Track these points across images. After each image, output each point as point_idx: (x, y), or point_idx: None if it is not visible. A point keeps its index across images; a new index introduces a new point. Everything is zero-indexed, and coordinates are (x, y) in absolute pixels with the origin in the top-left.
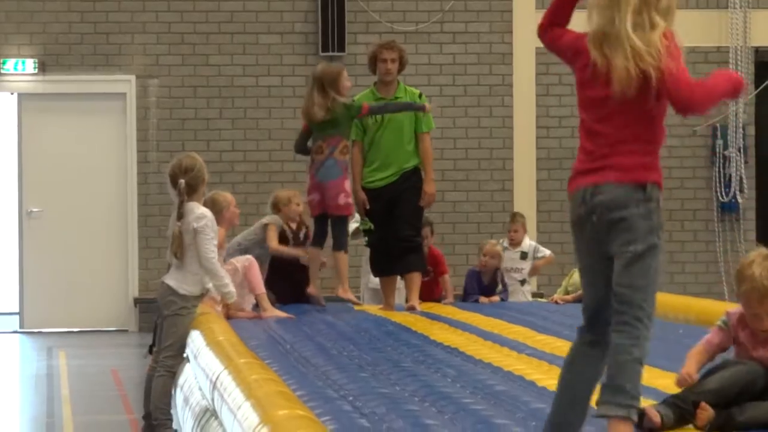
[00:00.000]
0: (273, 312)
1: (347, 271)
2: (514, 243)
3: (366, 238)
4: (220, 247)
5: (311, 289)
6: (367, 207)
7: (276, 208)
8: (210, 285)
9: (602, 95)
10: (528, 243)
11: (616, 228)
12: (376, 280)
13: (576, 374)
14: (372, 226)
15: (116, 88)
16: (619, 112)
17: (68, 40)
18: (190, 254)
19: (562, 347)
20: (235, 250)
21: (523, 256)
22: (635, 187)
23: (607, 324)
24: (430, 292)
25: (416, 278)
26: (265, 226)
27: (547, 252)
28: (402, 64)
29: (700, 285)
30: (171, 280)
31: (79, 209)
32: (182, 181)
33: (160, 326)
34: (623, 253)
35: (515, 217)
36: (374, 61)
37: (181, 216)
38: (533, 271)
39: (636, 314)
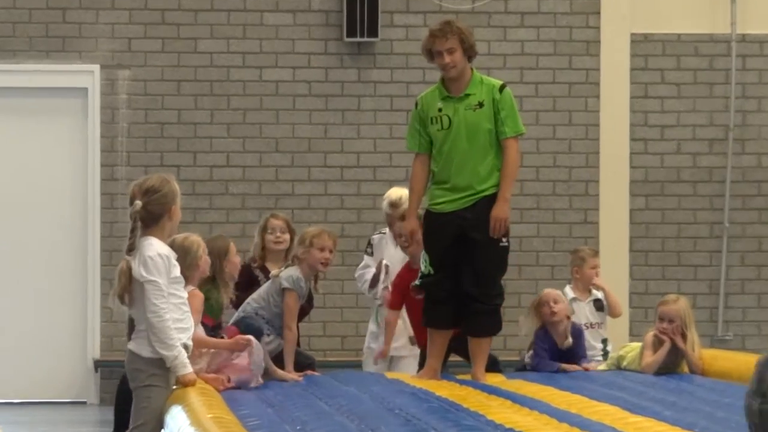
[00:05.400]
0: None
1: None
2: (586, 289)
3: (419, 280)
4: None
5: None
6: (415, 238)
7: (301, 246)
8: (186, 341)
9: None
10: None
11: None
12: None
13: None
14: (432, 270)
15: (74, 82)
16: None
17: (11, 17)
18: (141, 304)
19: None
20: (252, 319)
21: (599, 305)
22: None
23: None
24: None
25: (485, 345)
26: (284, 291)
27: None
28: (466, 50)
29: None
30: (132, 342)
31: (24, 241)
32: (138, 203)
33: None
34: None
35: (594, 252)
36: (430, 55)
37: (131, 249)
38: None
39: None
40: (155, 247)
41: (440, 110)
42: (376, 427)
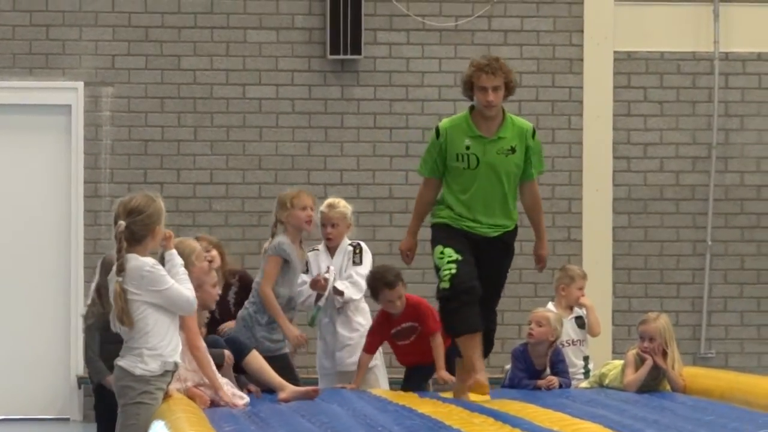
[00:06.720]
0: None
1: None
2: (569, 306)
3: (441, 285)
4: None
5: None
6: (410, 259)
7: (283, 210)
8: (176, 359)
9: None
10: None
11: None
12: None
13: None
14: (459, 257)
15: (58, 99)
16: None
17: None
18: (140, 323)
19: None
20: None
21: (580, 323)
22: None
23: None
24: (422, 356)
25: None
26: (266, 257)
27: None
28: (509, 90)
29: None
30: (122, 359)
31: (6, 258)
32: (122, 223)
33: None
34: None
35: (585, 275)
36: (470, 87)
37: (121, 270)
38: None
39: None
40: (142, 261)
41: (468, 148)
42: None
